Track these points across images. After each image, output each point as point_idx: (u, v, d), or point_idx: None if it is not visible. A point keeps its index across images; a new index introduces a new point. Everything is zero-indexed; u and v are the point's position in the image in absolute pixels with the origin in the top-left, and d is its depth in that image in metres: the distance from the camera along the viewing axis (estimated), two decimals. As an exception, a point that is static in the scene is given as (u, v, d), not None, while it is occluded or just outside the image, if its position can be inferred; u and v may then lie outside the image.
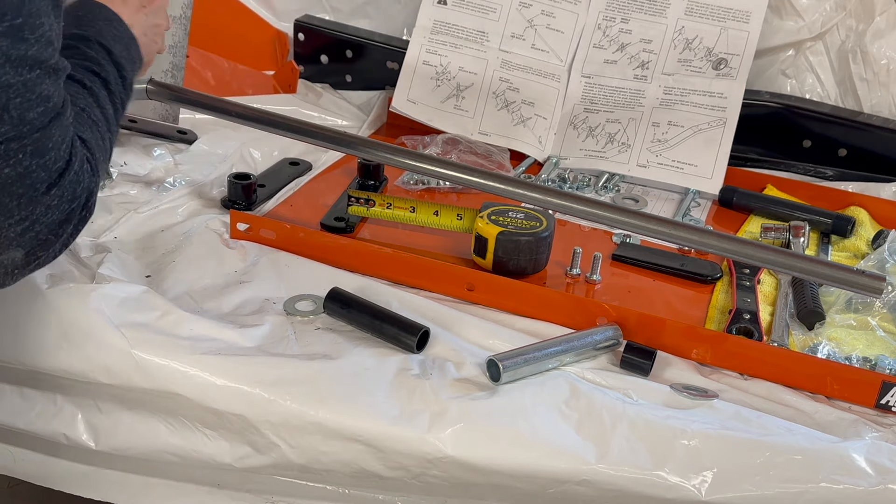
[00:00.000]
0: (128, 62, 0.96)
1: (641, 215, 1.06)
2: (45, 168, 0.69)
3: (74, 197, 0.73)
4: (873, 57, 1.41)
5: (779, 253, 1.00)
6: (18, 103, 0.67)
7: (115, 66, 0.93)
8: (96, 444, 0.95)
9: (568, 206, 1.07)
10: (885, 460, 0.84)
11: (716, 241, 1.03)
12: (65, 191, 0.71)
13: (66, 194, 0.72)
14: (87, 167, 0.75)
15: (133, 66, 0.98)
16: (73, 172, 0.72)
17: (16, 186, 0.68)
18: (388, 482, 0.88)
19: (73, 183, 0.72)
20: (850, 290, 0.99)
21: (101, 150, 0.82)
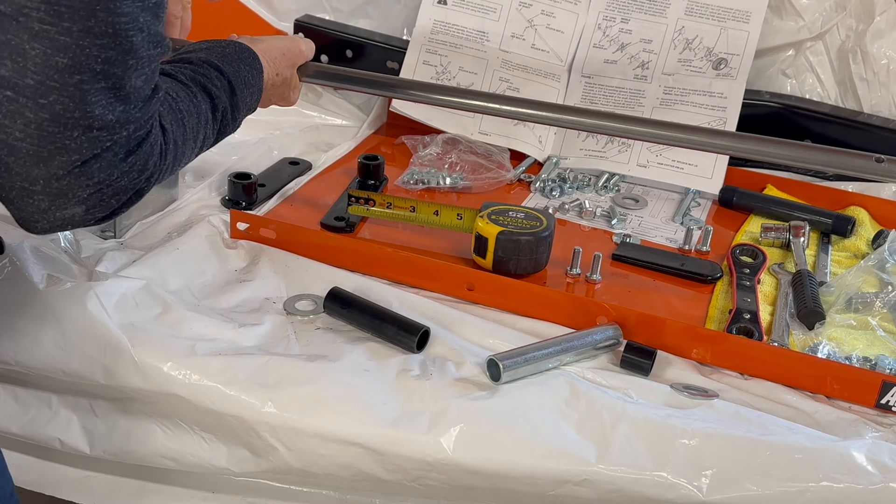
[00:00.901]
0: (244, 108, 0.99)
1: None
2: (127, 138, 0.73)
3: (145, 168, 0.76)
4: (873, 57, 1.41)
5: (784, 145, 0.98)
6: (138, 74, 0.71)
7: (231, 104, 0.95)
8: (91, 449, 0.94)
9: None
10: (886, 459, 0.84)
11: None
12: (138, 160, 0.75)
13: (139, 164, 0.75)
14: (158, 149, 0.78)
15: (247, 112, 1.00)
16: (149, 145, 0.76)
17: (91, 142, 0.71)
18: (388, 485, 0.88)
19: (147, 155, 0.76)
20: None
21: (177, 145, 0.84)
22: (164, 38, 0.74)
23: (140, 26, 0.70)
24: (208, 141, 0.93)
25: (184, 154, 0.87)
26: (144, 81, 0.73)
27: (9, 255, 0.98)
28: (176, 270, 1.06)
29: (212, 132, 0.93)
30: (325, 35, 1.57)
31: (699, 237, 1.23)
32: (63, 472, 0.99)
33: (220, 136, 0.96)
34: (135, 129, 0.73)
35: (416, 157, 1.39)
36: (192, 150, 0.89)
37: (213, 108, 0.92)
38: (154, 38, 0.72)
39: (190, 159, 0.91)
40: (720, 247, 1.22)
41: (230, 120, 0.96)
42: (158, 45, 0.73)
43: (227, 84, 0.94)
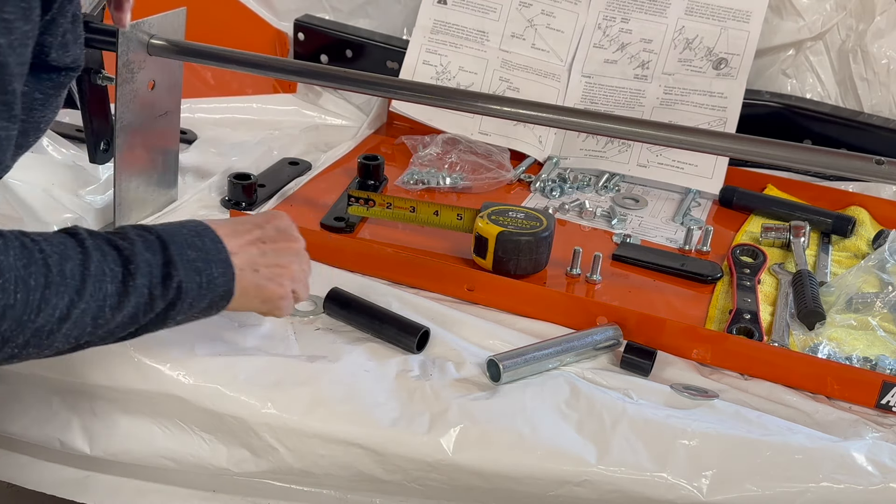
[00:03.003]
0: (193, 273, 0.77)
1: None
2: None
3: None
4: (874, 57, 1.41)
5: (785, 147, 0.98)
6: None
7: (165, 263, 0.76)
8: (91, 450, 0.94)
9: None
10: (886, 459, 0.84)
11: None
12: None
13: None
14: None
15: (204, 284, 0.78)
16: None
17: None
18: (388, 485, 0.88)
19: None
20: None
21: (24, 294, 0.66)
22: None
23: None
24: (114, 300, 0.72)
25: (40, 303, 0.67)
26: None
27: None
28: (176, 271, 1.06)
29: (121, 289, 0.73)
30: (325, 35, 1.57)
31: (699, 237, 1.23)
32: (63, 472, 0.99)
33: (150, 300, 0.75)
34: None
35: (416, 157, 1.39)
36: (63, 302, 0.69)
37: (122, 261, 0.73)
38: None
39: (68, 318, 0.70)
40: (720, 247, 1.22)
41: (160, 277, 0.75)
42: None
43: (153, 237, 0.77)
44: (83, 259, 0.71)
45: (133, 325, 0.76)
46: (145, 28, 1.09)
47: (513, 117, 1.08)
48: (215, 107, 1.51)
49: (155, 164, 1.20)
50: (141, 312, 0.75)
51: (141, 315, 0.75)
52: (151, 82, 1.13)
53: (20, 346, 0.68)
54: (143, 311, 0.75)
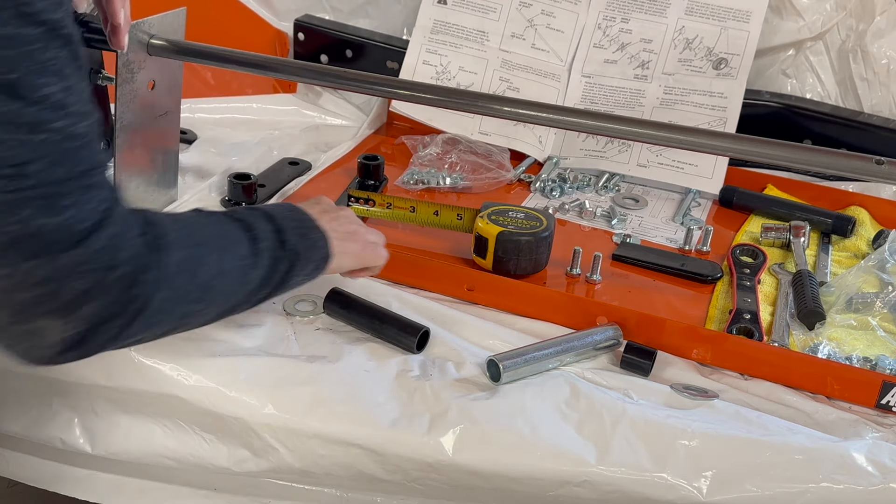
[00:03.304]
0: (299, 238, 0.87)
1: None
2: (61, 227, 0.64)
3: (112, 265, 0.66)
4: (874, 57, 1.41)
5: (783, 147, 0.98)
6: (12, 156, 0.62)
7: (276, 231, 0.84)
8: (92, 448, 0.94)
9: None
10: (886, 460, 0.84)
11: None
12: (91, 254, 0.65)
13: (98, 260, 0.66)
14: (137, 248, 0.68)
15: (309, 247, 0.88)
16: (109, 237, 0.66)
17: (27, 244, 0.64)
18: (388, 485, 0.88)
19: (107, 249, 0.66)
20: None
21: (183, 263, 0.73)
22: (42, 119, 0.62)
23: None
24: (252, 260, 0.81)
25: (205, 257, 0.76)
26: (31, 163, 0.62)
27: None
28: (176, 271, 1.06)
29: (253, 250, 0.81)
30: (325, 35, 1.57)
31: (699, 237, 1.23)
32: (65, 470, 0.99)
33: (275, 263, 0.83)
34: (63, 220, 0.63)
35: (416, 157, 1.39)
36: (222, 257, 0.78)
37: (249, 235, 0.81)
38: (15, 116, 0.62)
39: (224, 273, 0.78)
40: (720, 247, 1.22)
41: (278, 242, 0.84)
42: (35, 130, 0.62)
43: (260, 213, 0.85)
44: (222, 228, 0.80)
45: (266, 287, 0.84)
46: (145, 28, 1.09)
47: (513, 117, 1.07)
48: (215, 107, 1.51)
49: (155, 164, 1.20)
50: (270, 274, 0.83)
51: (271, 276, 0.83)
52: (151, 82, 1.13)
53: (194, 301, 0.76)
54: (271, 272, 0.83)
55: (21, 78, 0.61)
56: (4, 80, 0.61)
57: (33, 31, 0.62)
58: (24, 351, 0.68)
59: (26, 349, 0.68)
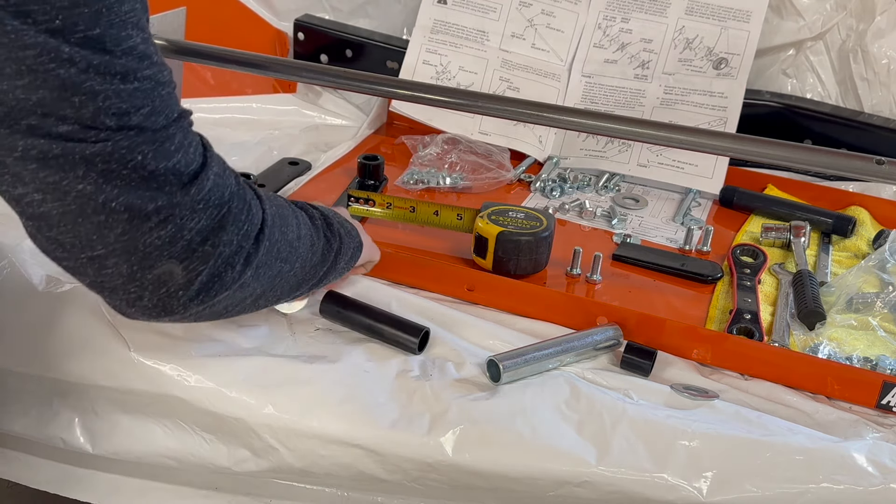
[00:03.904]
0: (338, 224, 0.91)
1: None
2: (173, 171, 0.67)
3: (222, 202, 0.69)
4: (874, 56, 1.41)
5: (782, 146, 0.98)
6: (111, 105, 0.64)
7: (322, 216, 0.89)
8: (93, 448, 0.94)
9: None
10: (887, 460, 0.84)
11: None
12: (204, 193, 0.68)
13: (210, 198, 0.68)
14: (238, 188, 0.72)
15: (348, 233, 0.93)
16: (213, 176, 0.69)
17: (145, 189, 0.66)
18: (388, 485, 0.88)
19: (216, 188, 0.69)
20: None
21: (274, 215, 0.77)
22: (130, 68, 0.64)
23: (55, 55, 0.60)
24: (309, 238, 0.84)
25: (292, 226, 0.80)
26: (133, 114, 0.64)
27: (8, 256, 0.98)
28: (176, 271, 1.06)
29: (316, 255, 0.86)
30: (325, 35, 1.57)
31: (700, 237, 1.23)
32: (65, 470, 0.99)
33: (314, 256, 0.86)
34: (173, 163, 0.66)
35: (416, 157, 1.39)
36: (297, 233, 0.81)
37: (299, 207, 0.86)
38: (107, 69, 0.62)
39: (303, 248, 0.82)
40: (721, 247, 1.22)
41: (327, 226, 0.89)
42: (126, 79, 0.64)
43: (317, 211, 0.90)
44: (296, 217, 0.82)
45: (324, 265, 0.88)
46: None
47: (513, 117, 1.07)
48: (215, 107, 1.51)
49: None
50: (327, 250, 0.88)
51: (327, 253, 0.88)
52: (151, 82, 1.13)
53: (283, 260, 0.79)
54: (328, 249, 0.88)
55: (104, 32, 0.62)
56: (90, 36, 0.61)
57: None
58: (153, 304, 0.69)
59: (154, 301, 0.69)
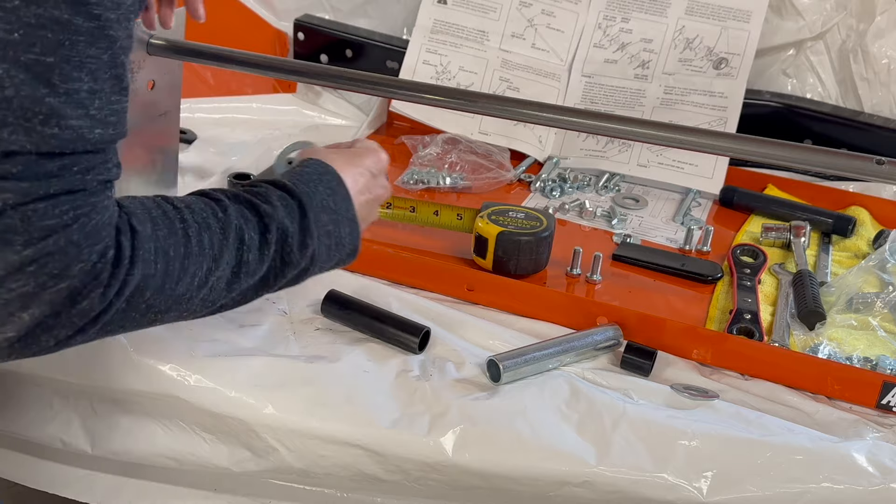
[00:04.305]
0: (322, 237, 0.80)
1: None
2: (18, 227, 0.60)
3: (54, 275, 0.61)
4: (874, 56, 1.41)
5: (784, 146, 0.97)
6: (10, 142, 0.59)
7: (300, 227, 0.78)
8: (92, 449, 0.94)
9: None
10: (887, 460, 0.84)
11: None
12: (39, 259, 0.61)
13: (42, 266, 0.61)
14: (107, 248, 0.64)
15: (333, 246, 0.82)
16: (53, 246, 0.61)
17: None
18: (388, 485, 0.88)
19: (56, 257, 0.61)
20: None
21: (160, 255, 0.68)
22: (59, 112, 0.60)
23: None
24: (249, 267, 0.75)
25: (180, 272, 0.70)
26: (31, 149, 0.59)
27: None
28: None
29: (258, 256, 0.75)
30: (325, 35, 1.57)
31: (700, 237, 1.23)
32: (65, 471, 0.99)
33: (283, 267, 0.78)
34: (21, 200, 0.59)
35: (416, 157, 1.39)
36: (202, 271, 0.71)
37: (261, 228, 0.75)
38: (32, 102, 0.58)
39: (205, 285, 0.72)
40: (721, 247, 1.22)
41: (296, 246, 0.77)
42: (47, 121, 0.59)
43: (295, 204, 0.78)
44: (223, 228, 0.73)
45: (264, 288, 0.79)
46: (145, 27, 1.09)
47: (513, 117, 1.07)
48: (215, 107, 1.51)
49: (154, 164, 1.19)
50: (273, 277, 0.78)
51: (272, 279, 0.78)
52: (151, 82, 1.13)
53: (161, 312, 0.71)
54: (275, 276, 0.78)
55: (57, 64, 0.59)
56: (40, 62, 0.59)
57: (84, 24, 0.60)
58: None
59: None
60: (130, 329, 0.71)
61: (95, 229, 0.64)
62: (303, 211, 0.79)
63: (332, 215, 0.82)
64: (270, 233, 0.76)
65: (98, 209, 0.64)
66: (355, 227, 0.84)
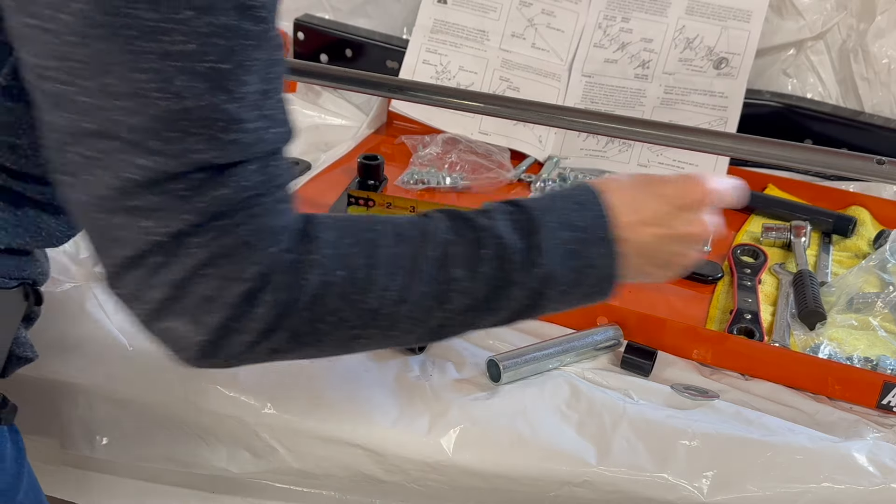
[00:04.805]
0: (566, 257, 0.70)
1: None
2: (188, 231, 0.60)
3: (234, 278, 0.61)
4: (874, 56, 1.41)
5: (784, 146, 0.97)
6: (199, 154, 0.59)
7: (529, 247, 0.69)
8: (91, 450, 0.94)
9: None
10: (887, 460, 0.84)
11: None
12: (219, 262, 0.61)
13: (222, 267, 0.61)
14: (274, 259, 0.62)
15: (579, 269, 0.71)
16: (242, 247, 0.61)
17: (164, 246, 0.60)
18: (387, 486, 0.87)
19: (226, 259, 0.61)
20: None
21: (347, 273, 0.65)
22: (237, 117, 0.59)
23: (174, 90, 0.57)
24: (460, 284, 0.67)
25: (365, 283, 0.65)
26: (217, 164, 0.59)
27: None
28: (175, 271, 1.06)
29: (468, 274, 0.67)
30: (325, 34, 1.56)
31: (700, 237, 1.22)
32: (63, 472, 0.99)
33: (506, 287, 0.69)
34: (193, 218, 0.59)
35: (416, 157, 1.39)
36: (395, 284, 0.66)
37: (474, 242, 0.68)
38: (212, 110, 0.58)
39: (404, 301, 0.66)
40: (721, 247, 1.22)
41: (520, 263, 0.68)
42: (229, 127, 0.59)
43: (522, 217, 0.70)
44: (423, 241, 0.67)
45: (489, 312, 0.70)
46: None
47: (513, 117, 1.07)
48: (215, 106, 1.51)
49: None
50: (496, 298, 0.69)
51: (496, 302, 0.69)
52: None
53: (359, 328, 0.67)
54: (499, 297, 0.69)
55: (232, 70, 0.59)
56: (216, 70, 0.58)
57: (251, 28, 0.60)
58: (166, 350, 0.65)
59: (170, 349, 0.65)
60: (331, 347, 0.68)
61: (272, 232, 0.63)
62: (532, 226, 0.69)
63: (577, 233, 0.70)
64: (486, 248, 0.68)
65: (274, 212, 0.63)
66: (611, 251, 0.71)
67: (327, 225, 0.67)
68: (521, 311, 0.72)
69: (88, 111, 0.57)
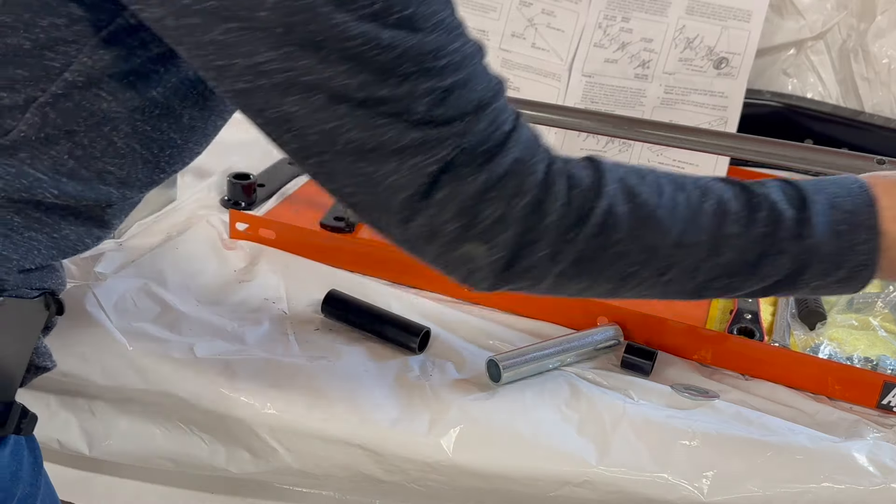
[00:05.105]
0: (831, 236, 0.70)
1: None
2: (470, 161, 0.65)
3: (515, 193, 0.65)
4: (875, 56, 1.41)
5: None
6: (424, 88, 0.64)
7: (800, 220, 0.69)
8: (90, 450, 0.94)
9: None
10: (888, 460, 0.84)
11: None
12: (495, 181, 0.65)
13: (505, 186, 0.65)
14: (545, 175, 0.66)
15: (842, 250, 0.70)
16: (512, 162, 0.65)
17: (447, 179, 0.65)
18: (387, 486, 0.87)
19: (512, 175, 0.65)
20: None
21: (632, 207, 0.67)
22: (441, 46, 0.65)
23: (384, 44, 0.62)
24: (730, 241, 0.68)
25: (649, 219, 0.67)
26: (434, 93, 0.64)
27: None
28: (175, 271, 1.06)
29: (742, 231, 0.68)
30: (325, 34, 1.56)
31: (700, 237, 1.22)
32: (62, 472, 0.99)
33: (776, 254, 0.69)
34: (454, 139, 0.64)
35: (416, 156, 1.39)
36: (675, 228, 0.67)
37: (749, 205, 0.69)
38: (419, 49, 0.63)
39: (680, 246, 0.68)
40: (721, 247, 1.22)
41: (790, 233, 0.69)
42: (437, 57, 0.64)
43: (793, 192, 0.71)
44: (702, 194, 0.69)
45: (753, 275, 0.70)
46: None
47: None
48: (215, 106, 1.51)
49: (154, 164, 1.19)
50: (763, 262, 0.70)
51: (762, 265, 0.70)
52: (151, 82, 1.13)
53: (636, 265, 0.68)
54: (765, 262, 0.70)
55: (416, 11, 0.63)
56: (403, 16, 0.62)
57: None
58: (462, 278, 0.68)
59: (464, 276, 0.68)
60: (605, 282, 0.69)
61: (529, 142, 0.68)
62: (802, 201, 0.70)
63: (846, 215, 0.71)
64: (760, 210, 0.69)
65: (518, 123, 0.69)
66: (874, 239, 0.70)
67: (609, 164, 0.69)
68: (780, 283, 0.71)
69: (317, 85, 0.62)
